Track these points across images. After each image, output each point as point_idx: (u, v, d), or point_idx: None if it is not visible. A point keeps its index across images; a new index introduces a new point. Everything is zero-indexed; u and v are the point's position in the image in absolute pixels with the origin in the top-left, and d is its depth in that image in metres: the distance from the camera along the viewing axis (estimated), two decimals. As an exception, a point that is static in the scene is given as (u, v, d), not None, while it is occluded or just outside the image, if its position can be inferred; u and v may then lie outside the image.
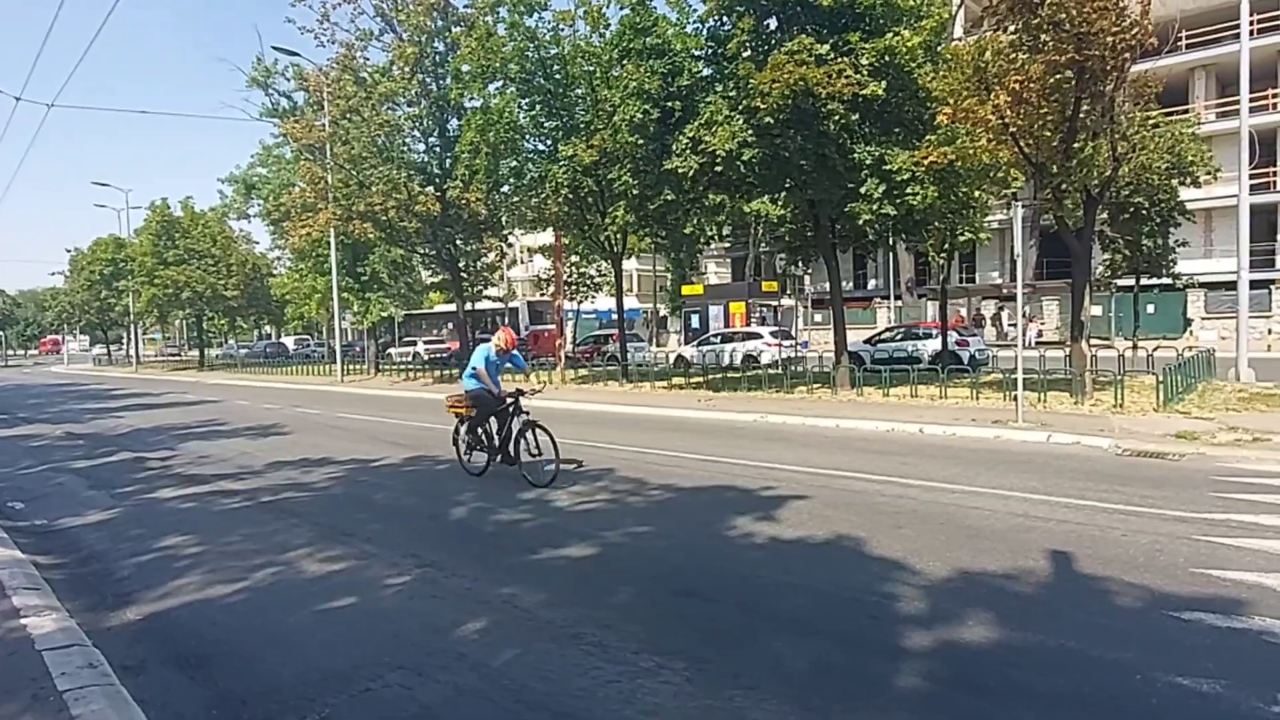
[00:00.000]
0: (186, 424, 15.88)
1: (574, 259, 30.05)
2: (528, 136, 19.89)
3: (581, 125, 18.33)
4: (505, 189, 22.37)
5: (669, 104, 15.90)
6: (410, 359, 34.43)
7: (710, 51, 16.44)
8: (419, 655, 4.07)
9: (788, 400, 15.62)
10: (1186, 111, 32.27)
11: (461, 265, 27.37)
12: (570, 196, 19.15)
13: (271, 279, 42.74)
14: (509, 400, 8.48)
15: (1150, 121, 20.88)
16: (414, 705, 3.55)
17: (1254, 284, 21.22)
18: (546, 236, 30.12)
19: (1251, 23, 20.26)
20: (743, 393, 17.05)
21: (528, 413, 8.55)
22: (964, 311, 36.19)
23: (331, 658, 4.10)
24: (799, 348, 26.04)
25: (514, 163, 20.01)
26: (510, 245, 32.92)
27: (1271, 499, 6.72)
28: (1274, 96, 33.85)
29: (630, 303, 61.03)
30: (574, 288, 30.95)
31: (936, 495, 7.30)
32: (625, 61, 16.41)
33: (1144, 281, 27.10)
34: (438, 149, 25.04)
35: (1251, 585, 4.63)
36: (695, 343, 27.08)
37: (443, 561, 5.76)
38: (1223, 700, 3.33)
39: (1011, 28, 12.54)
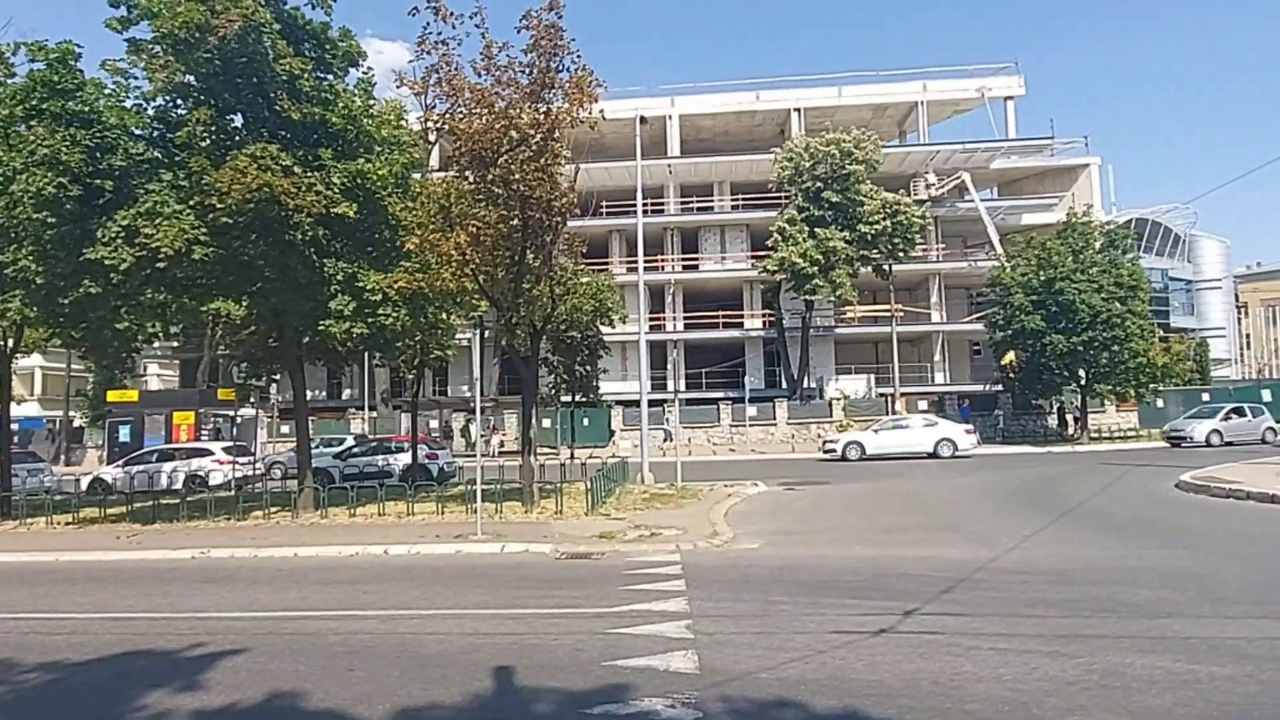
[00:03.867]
0: None
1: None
2: None
3: (-46, 186, 14.11)
4: None
5: (96, 182, 13.24)
6: None
7: (157, 134, 14.48)
8: None
9: (239, 529, 13.84)
10: (607, 265, 40.67)
11: None
12: (-73, 274, 14.35)
13: None
14: None
15: (580, 271, 25.56)
16: None
17: (652, 402, 27.31)
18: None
19: (646, 204, 26.95)
20: (183, 523, 14.52)
21: None
22: (434, 423, 37.87)
23: None
24: (260, 463, 23.62)
25: None
26: None
27: (660, 586, 8.32)
28: (663, 261, 44.99)
29: (29, 409, 48.11)
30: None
31: (394, 624, 7.14)
32: (35, 122, 13.30)
33: (579, 399, 32.46)
34: None
35: (643, 669, 5.55)
36: (121, 462, 22.35)
37: None
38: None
39: (472, 177, 14.13)
